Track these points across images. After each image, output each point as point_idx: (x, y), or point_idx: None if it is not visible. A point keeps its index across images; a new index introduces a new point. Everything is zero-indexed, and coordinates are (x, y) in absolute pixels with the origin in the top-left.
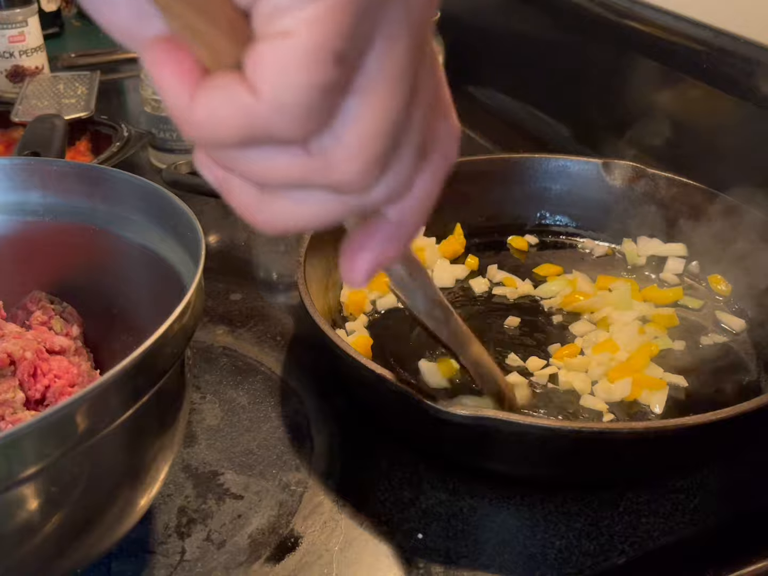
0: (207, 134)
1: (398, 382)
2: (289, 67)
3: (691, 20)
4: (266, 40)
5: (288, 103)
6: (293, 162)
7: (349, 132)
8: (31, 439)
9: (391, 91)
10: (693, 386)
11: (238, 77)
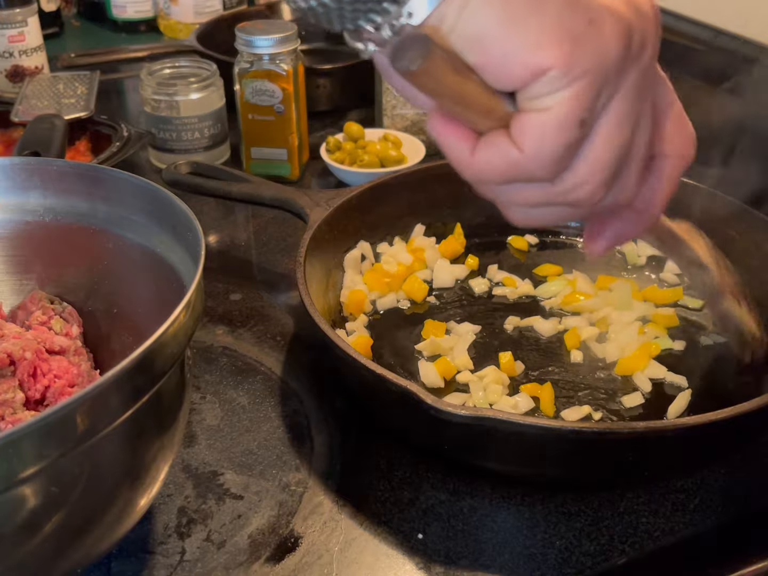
0: (483, 177)
1: (398, 382)
2: (547, 131)
3: (691, 20)
4: (530, 112)
5: (546, 156)
6: (542, 191)
7: (579, 164)
8: (31, 439)
9: (611, 135)
10: (693, 386)
11: (506, 137)
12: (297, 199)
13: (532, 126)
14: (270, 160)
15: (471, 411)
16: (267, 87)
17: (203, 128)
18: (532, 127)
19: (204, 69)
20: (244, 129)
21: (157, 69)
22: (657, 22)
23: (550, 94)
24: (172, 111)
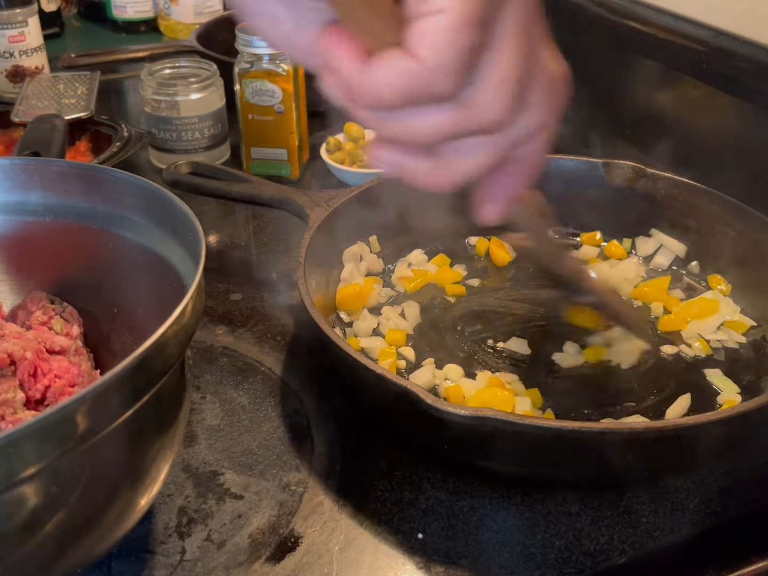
0: (377, 98)
1: (398, 382)
2: (446, 34)
3: (691, 20)
4: (424, 16)
5: (445, 63)
6: (447, 115)
7: (487, 80)
8: (31, 439)
9: (515, 45)
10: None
11: (401, 51)
12: (297, 199)
13: (428, 31)
14: (270, 160)
15: (471, 411)
16: (267, 87)
17: (203, 128)
18: (428, 32)
19: (204, 69)
20: (244, 129)
21: (158, 69)
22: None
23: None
24: (172, 111)
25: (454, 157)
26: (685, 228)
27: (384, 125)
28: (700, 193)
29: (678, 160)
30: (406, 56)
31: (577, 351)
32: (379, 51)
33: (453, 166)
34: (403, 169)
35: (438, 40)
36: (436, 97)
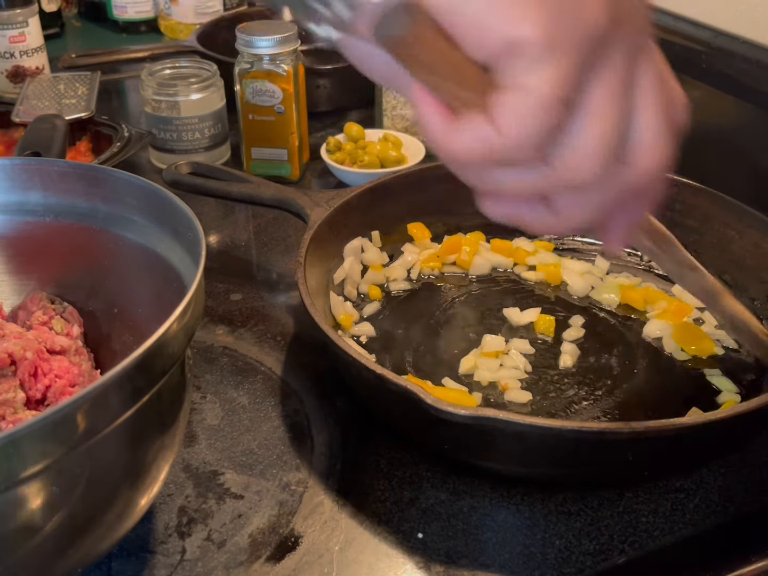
0: (458, 157)
1: (398, 381)
2: (527, 114)
3: (691, 20)
4: (509, 91)
5: (525, 140)
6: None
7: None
8: (31, 439)
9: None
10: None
11: (483, 117)
12: (297, 199)
13: (511, 106)
14: (270, 161)
15: (471, 411)
16: (267, 87)
17: (204, 128)
18: (511, 107)
19: (204, 69)
20: (244, 129)
21: (158, 69)
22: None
23: (530, 70)
24: (172, 111)
25: (565, 206)
26: (685, 228)
27: (471, 179)
28: (700, 193)
29: (677, 160)
30: (487, 124)
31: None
32: (464, 111)
33: (566, 215)
34: (517, 218)
35: (519, 118)
36: (517, 164)
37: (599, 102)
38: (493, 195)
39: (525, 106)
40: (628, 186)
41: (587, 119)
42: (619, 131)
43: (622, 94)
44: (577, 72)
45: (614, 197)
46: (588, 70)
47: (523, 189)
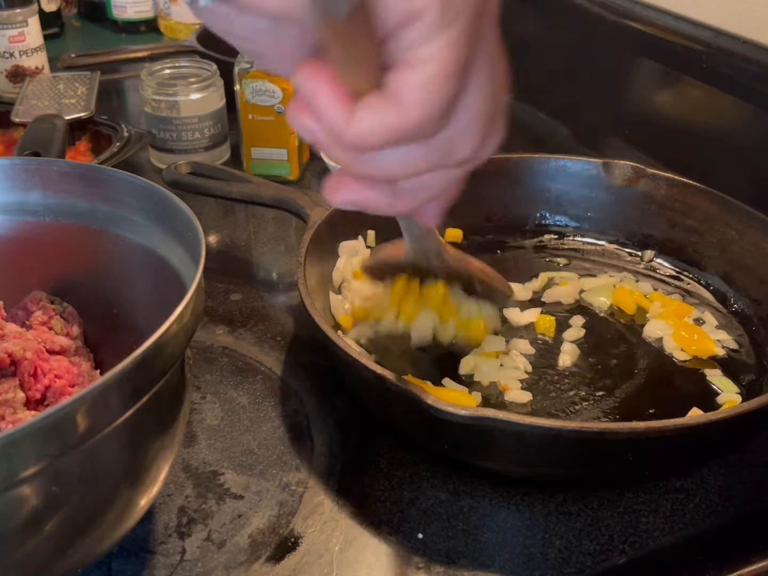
0: (360, 144)
1: (398, 382)
2: (431, 87)
3: (691, 20)
4: (408, 66)
5: (430, 113)
6: (423, 155)
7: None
8: (31, 438)
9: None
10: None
11: (383, 98)
12: (297, 199)
13: (415, 82)
14: (270, 160)
15: (471, 411)
16: (267, 87)
17: (203, 128)
18: (416, 84)
19: (204, 69)
20: (244, 129)
21: (158, 69)
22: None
23: (428, 41)
24: (172, 111)
25: (417, 187)
26: (685, 228)
27: (357, 165)
28: (700, 193)
29: (678, 160)
30: (391, 105)
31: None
32: (361, 92)
33: (415, 196)
34: (365, 204)
35: (423, 92)
36: (418, 139)
37: (484, 76)
38: (352, 178)
39: (428, 79)
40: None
41: (476, 93)
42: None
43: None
44: (469, 40)
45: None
46: (475, 41)
47: (401, 170)
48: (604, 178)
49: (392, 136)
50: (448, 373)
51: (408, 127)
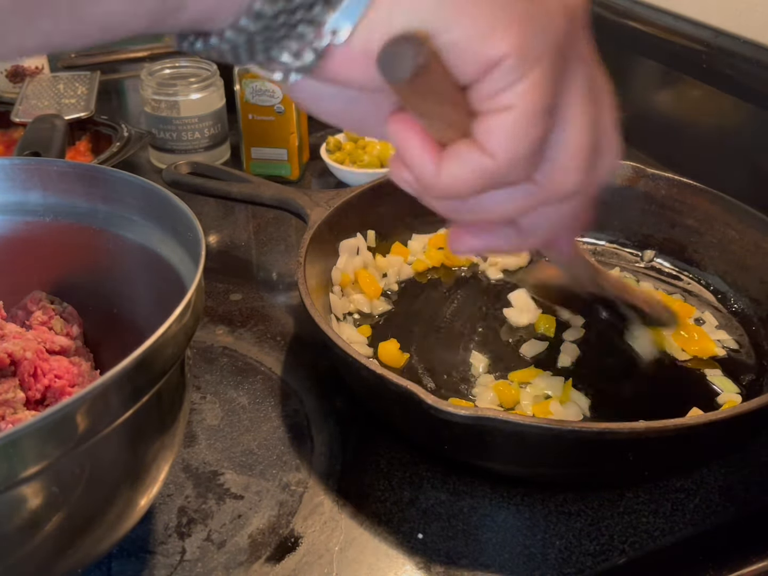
0: (452, 192)
1: (398, 382)
2: (516, 131)
3: (691, 20)
4: (492, 114)
5: (518, 157)
6: (524, 195)
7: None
8: (31, 439)
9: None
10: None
11: (472, 146)
12: (297, 199)
13: (500, 128)
14: (270, 160)
15: (471, 411)
16: (267, 87)
17: (203, 128)
18: (500, 129)
19: (204, 69)
20: (244, 129)
21: (158, 69)
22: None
23: (510, 88)
24: (172, 111)
25: (537, 224)
26: (685, 228)
27: (457, 211)
28: (700, 193)
29: (678, 160)
30: (477, 152)
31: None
32: (449, 142)
33: (538, 232)
34: (489, 248)
35: (508, 137)
36: (511, 184)
37: (575, 110)
38: (467, 226)
39: (514, 125)
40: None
41: (570, 128)
42: (595, 135)
43: (592, 99)
44: (553, 79)
45: (580, 206)
46: (561, 77)
47: (507, 211)
48: None
49: (481, 182)
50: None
51: (496, 173)
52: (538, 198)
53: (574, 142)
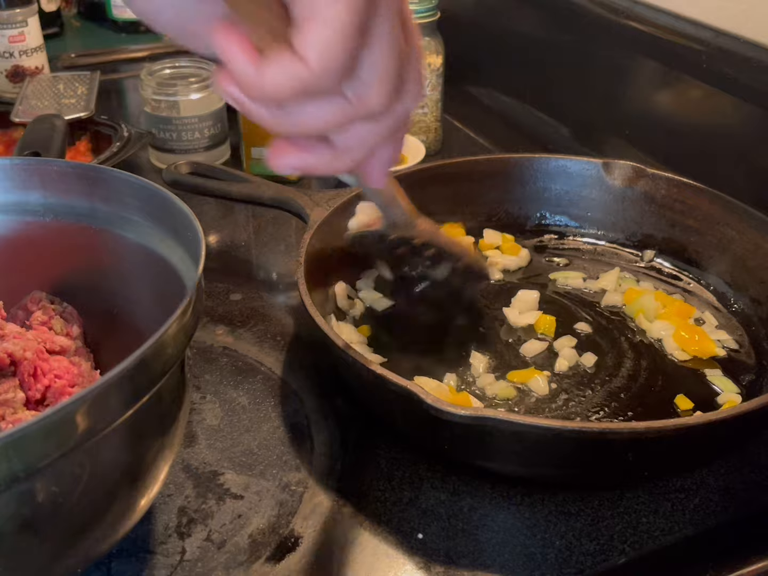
0: (270, 95)
1: (398, 382)
2: (330, 43)
3: (691, 20)
4: (309, 25)
5: (331, 67)
6: (337, 107)
7: (370, 75)
8: (31, 439)
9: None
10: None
11: (289, 52)
12: (297, 199)
13: (315, 39)
14: None
15: (471, 411)
16: None
17: (203, 128)
18: (315, 40)
19: (204, 69)
20: (244, 129)
21: (158, 69)
22: None
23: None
24: (172, 111)
25: (349, 143)
26: (685, 228)
27: (278, 120)
28: (700, 193)
29: (678, 160)
30: (295, 59)
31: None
32: (269, 48)
33: (349, 152)
34: (305, 165)
35: (323, 47)
36: (324, 93)
37: (385, 33)
38: (287, 142)
39: (327, 35)
40: (398, 119)
41: (378, 50)
42: (400, 60)
43: (398, 26)
44: (366, 8)
45: (387, 130)
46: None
47: (323, 122)
48: (604, 178)
49: (297, 87)
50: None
51: (311, 80)
52: (348, 113)
53: (381, 64)
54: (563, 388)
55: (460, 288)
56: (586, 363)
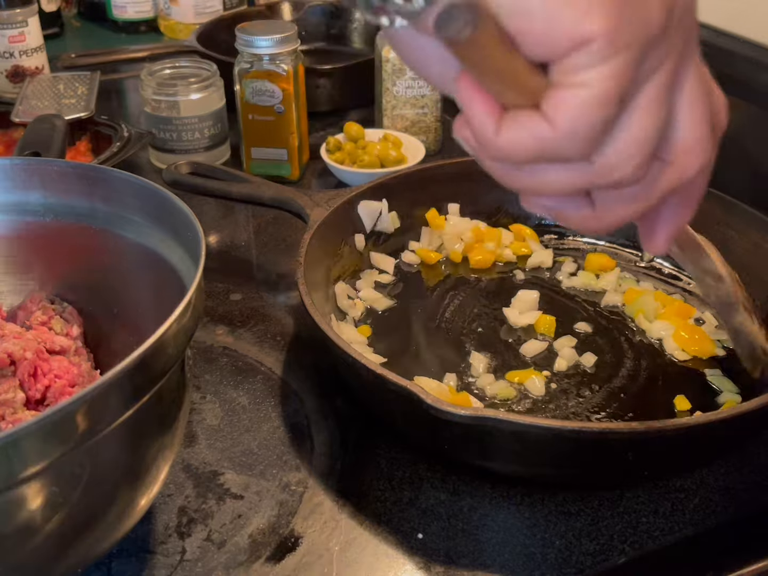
0: (507, 155)
1: (398, 381)
2: (584, 108)
3: None
4: (566, 88)
5: (580, 134)
6: (576, 172)
7: (618, 142)
8: (31, 439)
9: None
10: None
11: (534, 113)
12: (297, 199)
13: (569, 102)
14: (270, 160)
15: (471, 411)
16: (267, 87)
17: (203, 128)
18: (569, 103)
19: (204, 69)
20: (244, 129)
21: (158, 69)
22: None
23: (590, 67)
24: (172, 111)
25: (605, 203)
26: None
27: (512, 178)
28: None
29: None
30: (539, 119)
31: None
32: (513, 107)
33: (605, 212)
34: (558, 212)
35: (575, 112)
36: (564, 159)
37: (647, 100)
38: (531, 193)
39: (583, 101)
40: (670, 185)
41: (633, 117)
42: (660, 130)
43: (668, 94)
44: (635, 69)
45: (656, 197)
46: (643, 68)
47: (562, 187)
48: None
49: (537, 149)
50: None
51: (553, 143)
52: (590, 178)
53: (634, 132)
54: (563, 388)
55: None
56: (586, 363)
